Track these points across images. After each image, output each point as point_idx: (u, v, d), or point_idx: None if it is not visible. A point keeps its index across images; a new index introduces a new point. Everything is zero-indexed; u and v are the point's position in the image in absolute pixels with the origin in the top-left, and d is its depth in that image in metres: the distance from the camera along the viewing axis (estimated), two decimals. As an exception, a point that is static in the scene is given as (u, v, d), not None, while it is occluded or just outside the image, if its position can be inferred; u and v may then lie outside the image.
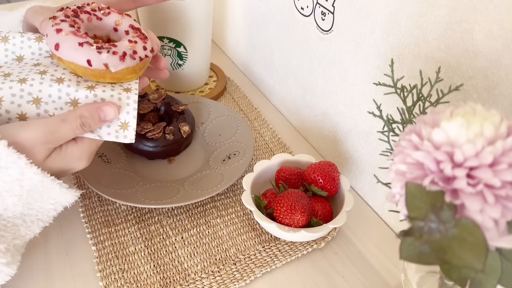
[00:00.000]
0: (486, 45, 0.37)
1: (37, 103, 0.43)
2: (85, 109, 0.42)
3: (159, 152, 0.60)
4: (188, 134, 0.61)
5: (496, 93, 0.38)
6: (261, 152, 0.65)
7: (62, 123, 0.40)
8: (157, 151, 0.59)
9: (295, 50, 0.64)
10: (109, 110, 0.43)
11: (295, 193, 0.49)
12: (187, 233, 0.52)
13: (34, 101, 0.43)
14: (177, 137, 0.60)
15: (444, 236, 0.25)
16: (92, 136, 0.43)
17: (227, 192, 0.57)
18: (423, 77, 0.39)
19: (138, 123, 0.57)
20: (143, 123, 0.59)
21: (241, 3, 0.77)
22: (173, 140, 0.60)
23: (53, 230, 0.50)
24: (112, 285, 0.46)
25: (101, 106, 0.42)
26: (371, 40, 0.49)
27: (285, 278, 0.48)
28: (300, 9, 0.60)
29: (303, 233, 0.47)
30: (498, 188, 0.24)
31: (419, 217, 0.25)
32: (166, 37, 0.67)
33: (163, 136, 0.59)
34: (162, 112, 0.63)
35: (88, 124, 0.42)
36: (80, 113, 0.41)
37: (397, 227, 0.54)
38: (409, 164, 0.27)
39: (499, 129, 0.26)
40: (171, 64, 0.70)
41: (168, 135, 0.59)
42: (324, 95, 0.61)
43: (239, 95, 0.76)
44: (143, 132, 0.59)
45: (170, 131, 0.60)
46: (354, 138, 0.57)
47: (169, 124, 0.61)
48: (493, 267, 0.26)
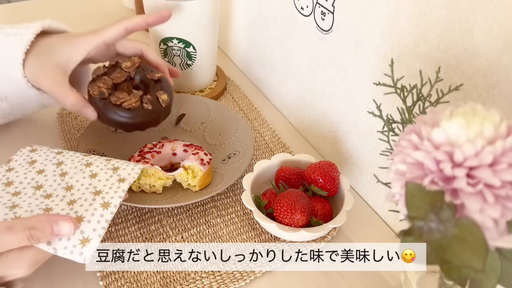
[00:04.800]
0: (486, 44, 0.37)
1: (13, 208, 0.43)
2: (37, 220, 0.38)
3: (137, 124, 0.55)
4: (167, 104, 0.57)
5: (496, 92, 0.38)
6: (261, 152, 0.65)
7: (7, 231, 0.37)
8: (135, 123, 0.55)
9: (295, 50, 0.64)
10: (64, 225, 0.39)
11: (295, 193, 0.49)
12: (187, 233, 0.52)
13: (11, 207, 0.43)
14: (156, 106, 0.55)
15: (444, 235, 0.25)
16: (45, 248, 0.39)
17: (227, 192, 0.57)
18: (423, 77, 0.39)
19: (111, 93, 0.54)
20: (118, 93, 0.54)
21: (241, 3, 0.77)
22: (152, 110, 0.55)
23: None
24: (112, 284, 0.46)
25: (56, 219, 0.39)
26: (371, 40, 0.49)
27: (285, 278, 0.48)
28: (300, 9, 0.60)
29: (303, 233, 0.47)
30: (498, 188, 0.24)
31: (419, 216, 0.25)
32: (175, 38, 0.67)
33: (141, 106, 0.54)
34: (137, 81, 0.58)
35: (37, 237, 0.38)
36: (31, 224, 0.38)
37: (397, 227, 0.54)
38: (409, 164, 0.27)
39: (499, 129, 0.26)
40: (180, 65, 0.71)
41: (146, 105, 0.54)
42: (324, 95, 0.61)
43: (239, 95, 0.76)
44: (118, 102, 0.54)
45: (148, 100, 0.55)
46: (354, 138, 0.57)
47: (146, 93, 0.56)
48: (493, 266, 0.26)
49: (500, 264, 0.26)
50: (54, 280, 0.46)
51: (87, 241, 0.41)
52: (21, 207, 0.43)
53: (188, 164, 0.54)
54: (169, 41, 0.68)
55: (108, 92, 0.54)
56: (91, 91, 0.54)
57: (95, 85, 0.54)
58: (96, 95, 0.54)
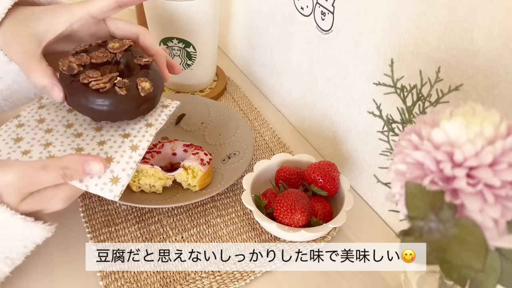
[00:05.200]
0: (486, 44, 0.37)
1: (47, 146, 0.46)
2: (69, 160, 0.40)
3: (105, 112, 0.46)
4: (148, 94, 0.47)
5: (496, 92, 0.38)
6: (261, 152, 0.65)
7: (42, 170, 0.39)
8: (102, 110, 0.45)
9: (295, 50, 0.65)
10: (94, 165, 0.41)
11: (295, 193, 0.49)
12: (187, 233, 0.52)
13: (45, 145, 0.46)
14: (132, 94, 0.46)
15: (444, 235, 0.25)
16: (77, 185, 0.42)
17: (227, 192, 0.57)
18: (423, 77, 0.39)
19: (82, 71, 0.46)
20: (89, 71, 0.46)
21: (241, 3, 0.77)
22: (126, 97, 0.45)
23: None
24: (112, 284, 0.46)
25: (87, 159, 0.41)
26: (371, 39, 0.49)
27: (285, 278, 0.48)
28: (300, 9, 0.60)
29: (303, 233, 0.47)
30: (498, 188, 0.24)
31: (419, 216, 0.25)
32: (175, 38, 0.67)
33: (112, 90, 0.45)
34: (123, 66, 0.50)
35: (70, 176, 0.40)
36: (64, 164, 0.40)
37: (397, 227, 0.54)
38: (409, 164, 0.27)
39: (499, 129, 0.26)
40: (180, 64, 0.71)
41: (119, 89, 0.45)
42: (324, 95, 0.61)
43: (239, 95, 0.76)
44: (86, 81, 0.45)
45: (123, 84, 0.45)
46: (354, 138, 0.57)
47: (124, 77, 0.47)
48: (493, 266, 0.26)
49: (500, 264, 0.26)
50: (54, 280, 0.46)
51: (117, 180, 0.44)
52: (54, 145, 0.46)
53: (188, 164, 0.54)
54: (169, 41, 0.68)
55: (79, 70, 0.46)
56: (61, 65, 0.46)
57: (67, 59, 0.47)
58: (64, 71, 0.46)
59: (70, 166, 0.40)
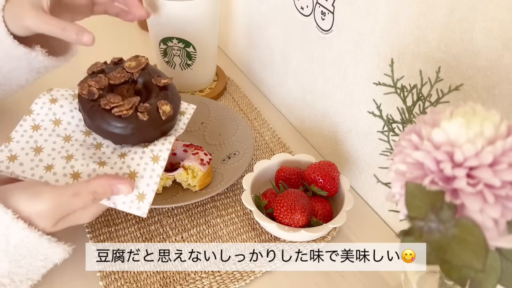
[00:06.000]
0: (486, 44, 0.37)
1: (69, 159, 0.46)
2: (99, 184, 0.42)
3: (127, 136, 0.46)
4: (169, 116, 0.48)
5: (496, 92, 0.38)
6: (261, 152, 0.65)
7: (74, 198, 0.40)
8: (125, 134, 0.46)
9: (295, 50, 0.64)
10: (122, 188, 0.43)
11: (295, 193, 0.49)
12: (187, 233, 0.52)
13: (67, 157, 0.46)
14: (154, 117, 0.47)
15: (444, 236, 0.25)
16: (106, 203, 0.44)
17: (227, 192, 0.57)
18: (423, 77, 0.39)
19: (103, 95, 0.47)
20: (110, 96, 0.46)
21: (241, 3, 0.77)
22: (148, 122, 0.46)
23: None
24: (112, 284, 0.46)
25: (115, 183, 0.43)
26: (371, 39, 0.49)
27: (285, 278, 0.48)
28: (300, 8, 0.60)
29: (303, 233, 0.47)
30: (498, 188, 0.24)
31: (419, 217, 0.25)
32: (175, 38, 0.67)
33: (135, 115, 0.46)
34: (140, 85, 0.50)
35: (99, 199, 0.43)
36: (94, 189, 0.42)
37: (397, 227, 0.54)
38: (409, 164, 0.27)
39: (499, 129, 0.26)
40: (180, 65, 0.70)
41: (141, 114, 0.46)
42: (324, 95, 0.61)
43: (239, 95, 0.76)
44: (108, 106, 0.45)
45: (145, 109, 0.46)
46: (354, 138, 0.57)
47: (144, 101, 0.48)
48: (493, 266, 0.26)
49: (500, 264, 0.26)
50: (54, 280, 0.46)
51: (143, 197, 0.44)
52: (76, 158, 0.46)
53: (188, 164, 0.54)
54: (169, 41, 0.68)
55: (99, 94, 0.47)
56: (80, 89, 0.47)
57: (86, 83, 0.47)
58: (84, 95, 0.46)
59: (100, 191, 0.42)
